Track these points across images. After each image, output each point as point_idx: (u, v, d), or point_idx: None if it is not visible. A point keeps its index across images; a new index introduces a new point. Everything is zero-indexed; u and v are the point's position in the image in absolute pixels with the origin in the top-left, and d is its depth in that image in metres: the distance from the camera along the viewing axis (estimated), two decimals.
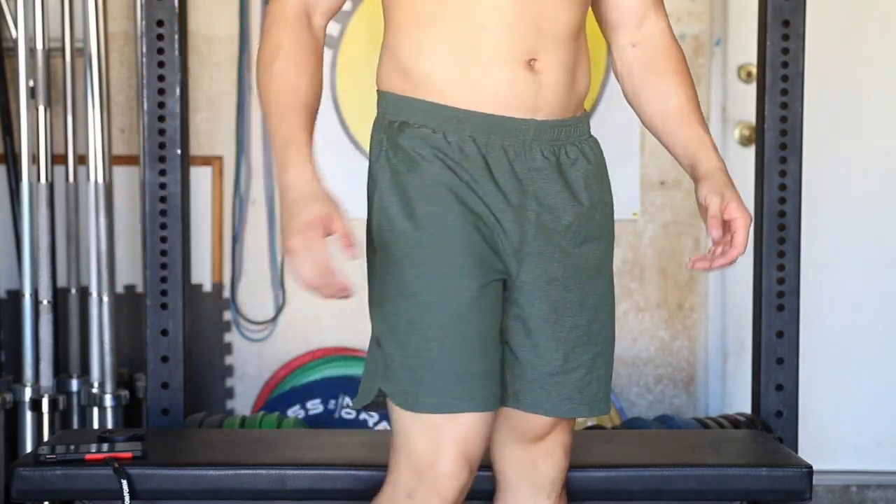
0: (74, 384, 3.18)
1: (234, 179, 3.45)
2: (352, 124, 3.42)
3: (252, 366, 3.49)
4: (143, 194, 2.86)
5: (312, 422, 3.27)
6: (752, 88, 3.29)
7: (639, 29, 1.98)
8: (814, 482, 2.31)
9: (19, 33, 3.06)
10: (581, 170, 1.90)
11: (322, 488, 2.26)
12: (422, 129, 1.82)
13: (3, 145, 3.29)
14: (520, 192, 1.84)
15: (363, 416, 3.28)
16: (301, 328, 3.48)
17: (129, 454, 2.28)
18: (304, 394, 3.34)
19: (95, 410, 3.11)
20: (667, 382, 3.54)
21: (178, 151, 2.80)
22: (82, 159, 3.17)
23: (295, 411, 3.32)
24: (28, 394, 3.08)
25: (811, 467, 2.28)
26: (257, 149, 3.45)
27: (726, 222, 1.82)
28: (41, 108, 3.08)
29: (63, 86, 3.15)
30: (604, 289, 1.94)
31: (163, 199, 2.80)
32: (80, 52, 3.13)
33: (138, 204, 3.35)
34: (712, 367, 3.54)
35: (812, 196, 3.12)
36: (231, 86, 3.44)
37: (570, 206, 1.88)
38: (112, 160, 3.14)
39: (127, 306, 3.37)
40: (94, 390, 3.12)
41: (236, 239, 3.46)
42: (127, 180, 3.37)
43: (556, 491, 1.98)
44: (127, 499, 2.20)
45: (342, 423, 3.28)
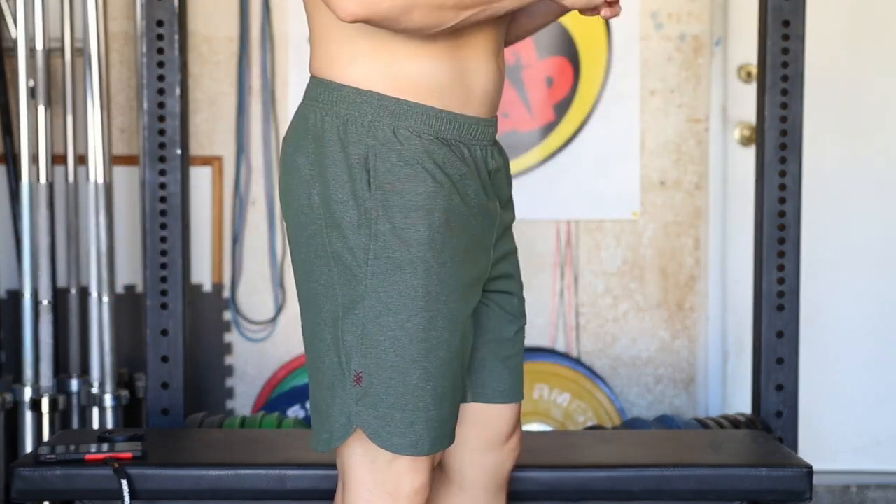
0: (74, 384, 3.18)
1: (234, 179, 3.45)
2: None
3: (252, 366, 3.49)
4: (143, 194, 2.86)
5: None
6: (752, 88, 3.30)
7: None
8: (814, 482, 2.31)
9: (19, 33, 3.06)
10: (501, 166, 1.86)
11: (322, 488, 2.25)
12: (419, 135, 1.70)
13: (3, 145, 3.29)
14: (492, 196, 1.80)
15: None
16: (301, 328, 3.47)
17: (129, 454, 2.28)
18: (304, 394, 3.34)
19: (95, 410, 3.11)
20: (667, 382, 3.54)
21: (178, 151, 2.80)
22: (82, 159, 3.17)
23: (295, 411, 3.32)
24: (28, 394, 3.08)
25: (811, 467, 2.28)
26: (257, 149, 3.45)
27: None
28: (41, 108, 3.08)
29: (63, 86, 3.15)
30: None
31: (163, 199, 2.80)
32: (80, 52, 3.13)
33: (138, 204, 3.35)
34: (712, 367, 3.54)
35: (812, 196, 3.12)
36: (231, 86, 3.44)
37: (507, 203, 1.87)
38: (112, 160, 3.14)
39: (127, 306, 3.37)
40: (94, 390, 3.12)
41: (236, 239, 3.46)
42: (127, 180, 3.37)
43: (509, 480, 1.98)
44: (127, 499, 2.20)
45: None
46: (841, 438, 3.55)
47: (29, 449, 3.07)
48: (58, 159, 3.17)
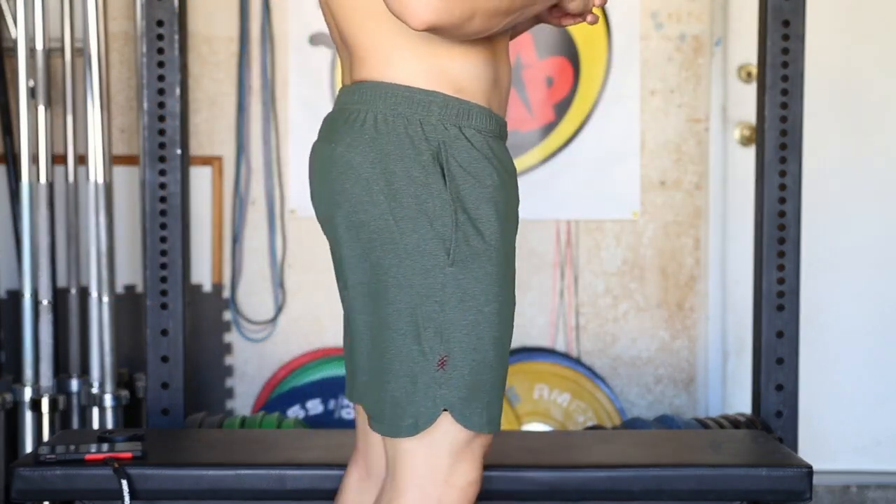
0: (74, 384, 3.18)
1: (234, 179, 3.45)
2: None
3: (252, 366, 3.49)
4: (143, 194, 2.86)
5: (312, 422, 3.27)
6: (752, 88, 3.30)
7: None
8: (814, 482, 2.31)
9: (19, 33, 3.06)
10: None
11: (322, 488, 2.25)
12: (481, 132, 1.79)
13: (3, 145, 3.29)
14: None
15: None
16: (301, 328, 3.48)
17: (129, 454, 2.28)
18: (304, 394, 3.34)
19: (95, 410, 3.11)
20: (667, 382, 3.54)
21: (178, 151, 2.80)
22: (82, 159, 3.17)
23: (295, 411, 3.32)
24: (28, 394, 3.08)
25: (811, 467, 2.28)
26: (257, 149, 3.45)
27: None
28: (41, 108, 3.08)
29: (63, 86, 3.15)
30: None
31: (163, 199, 2.80)
32: (80, 52, 3.13)
33: (138, 204, 3.35)
34: (712, 367, 3.54)
35: (812, 196, 3.13)
36: (231, 86, 3.44)
37: None
38: (112, 160, 3.14)
39: (127, 306, 3.37)
40: (94, 390, 3.12)
41: (236, 239, 3.46)
42: (127, 180, 3.37)
43: None
44: (127, 499, 2.20)
45: (342, 423, 3.28)
46: (841, 438, 3.55)
47: (29, 449, 3.07)
48: (58, 159, 3.17)
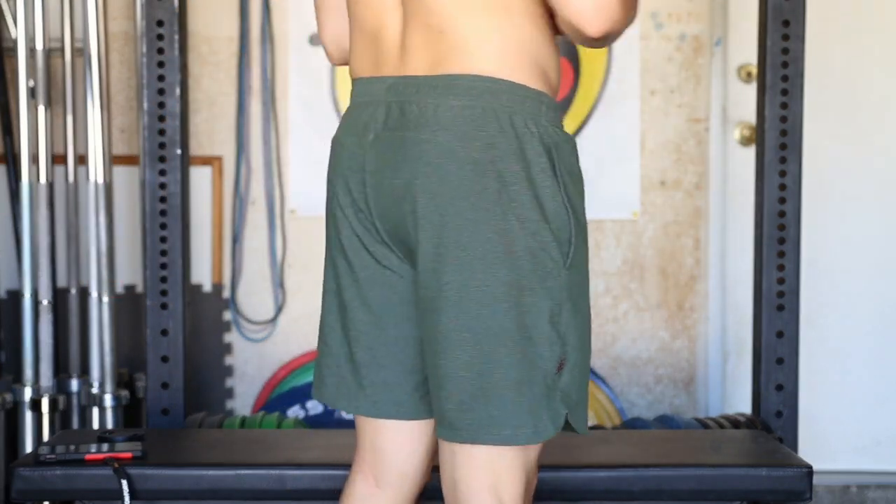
0: (74, 384, 3.18)
1: (234, 179, 3.45)
2: None
3: (252, 366, 3.49)
4: (143, 194, 2.86)
5: (312, 422, 3.27)
6: (752, 88, 3.30)
7: None
8: (814, 482, 2.31)
9: (19, 33, 3.06)
10: None
11: (322, 488, 2.25)
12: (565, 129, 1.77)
13: (3, 145, 3.29)
14: None
15: None
16: (301, 328, 3.48)
17: (129, 454, 2.28)
18: (304, 394, 3.34)
19: (95, 410, 3.11)
20: (667, 382, 3.54)
21: (178, 151, 2.80)
22: (82, 159, 3.17)
23: (295, 411, 3.32)
24: (28, 394, 3.08)
25: (811, 467, 2.28)
26: (257, 149, 3.45)
27: None
28: (41, 108, 3.08)
29: (63, 86, 3.15)
30: None
31: (163, 199, 2.81)
32: (80, 52, 3.13)
33: (138, 204, 3.35)
34: (712, 367, 3.54)
35: (812, 196, 3.12)
36: (231, 86, 3.44)
37: None
38: (112, 160, 3.14)
39: (127, 306, 3.37)
40: (94, 390, 3.12)
41: (236, 239, 3.46)
42: (127, 180, 3.37)
43: None
44: (127, 499, 2.20)
45: (342, 423, 3.28)
46: (841, 438, 3.55)
47: (29, 449, 3.07)
48: (58, 159, 3.17)
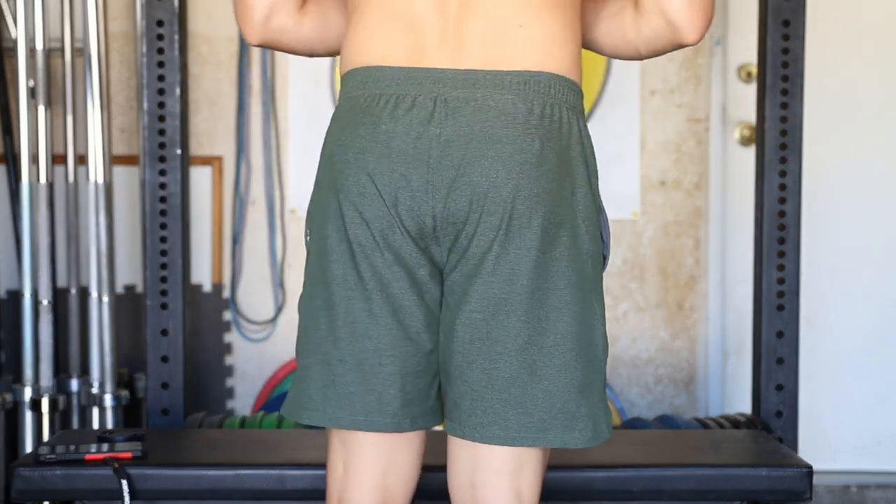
0: (74, 384, 3.18)
1: (234, 179, 3.45)
2: None
3: (252, 366, 3.49)
4: (143, 194, 2.86)
5: None
6: (752, 88, 3.30)
7: None
8: (814, 482, 2.31)
9: (19, 33, 3.06)
10: None
11: (322, 488, 2.24)
12: None
13: (3, 145, 3.29)
14: None
15: None
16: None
17: (129, 454, 2.28)
18: None
19: (95, 410, 3.11)
20: (667, 382, 3.54)
21: (178, 151, 2.80)
22: (82, 159, 3.17)
23: None
24: (28, 394, 3.08)
25: (811, 467, 2.28)
26: (257, 149, 3.45)
27: None
28: (41, 108, 3.08)
29: (63, 86, 3.15)
30: None
31: (163, 199, 2.80)
32: (80, 52, 3.13)
33: (138, 204, 3.35)
34: (712, 367, 3.54)
35: (812, 196, 3.12)
36: (231, 86, 3.44)
37: None
38: (112, 160, 3.14)
39: (127, 306, 3.37)
40: (94, 390, 3.12)
41: (236, 239, 3.46)
42: (127, 180, 3.37)
43: None
44: (127, 499, 2.20)
45: None
46: (841, 438, 3.55)
47: (29, 449, 3.07)
48: (58, 159, 3.17)
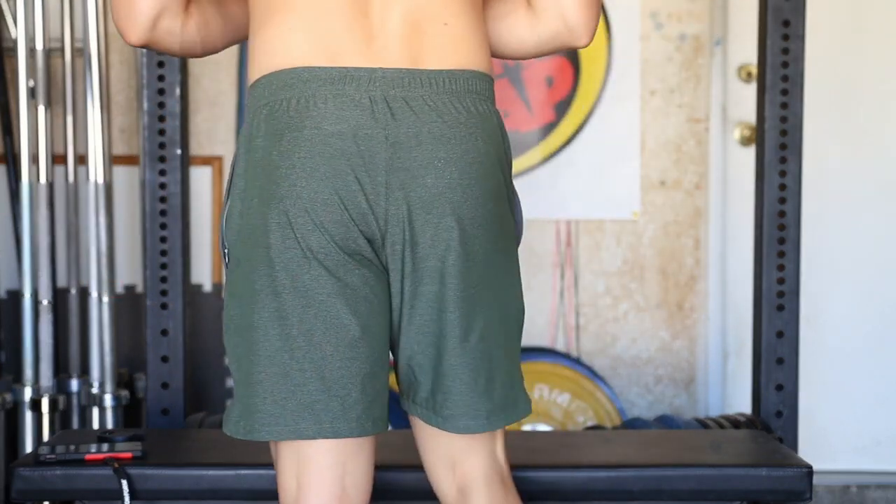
0: (74, 384, 3.18)
1: None
2: None
3: None
4: (143, 194, 2.86)
5: None
6: (752, 88, 3.30)
7: None
8: (814, 482, 2.31)
9: (19, 33, 3.06)
10: None
11: None
12: None
13: (3, 145, 3.29)
14: None
15: None
16: None
17: (129, 454, 2.28)
18: None
19: (95, 410, 3.11)
20: (667, 382, 3.54)
21: (178, 151, 2.80)
22: (82, 159, 3.17)
23: None
24: (28, 394, 3.08)
25: (811, 467, 2.28)
26: None
27: None
28: (41, 108, 3.08)
29: (63, 86, 3.15)
30: None
31: (163, 199, 2.80)
32: (80, 52, 3.13)
33: (138, 204, 3.35)
34: (712, 367, 3.54)
35: (812, 196, 3.12)
36: (231, 86, 3.44)
37: None
38: (112, 160, 3.14)
39: (127, 306, 3.37)
40: (94, 390, 3.12)
41: None
42: (127, 180, 3.37)
43: None
44: (127, 499, 2.20)
45: None
46: (841, 438, 3.55)
47: (29, 449, 3.07)
48: (58, 159, 3.17)
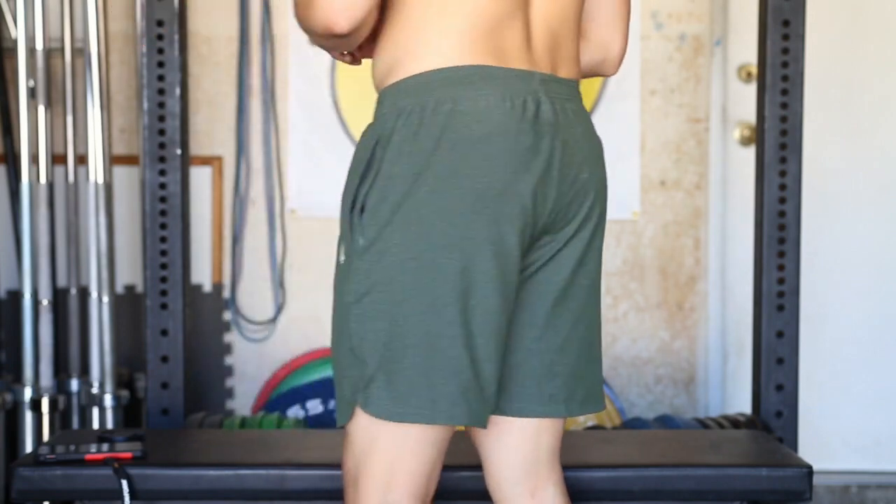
0: (74, 384, 3.18)
1: (234, 179, 3.45)
2: (351, 124, 3.42)
3: (252, 366, 3.49)
4: (143, 194, 2.86)
5: (312, 422, 3.27)
6: (752, 88, 3.29)
7: None
8: (814, 482, 2.31)
9: (19, 33, 3.06)
10: None
11: (322, 488, 2.25)
12: None
13: (3, 145, 3.29)
14: None
15: None
16: (301, 328, 3.48)
17: (129, 454, 2.28)
18: (304, 394, 3.34)
19: (95, 410, 3.11)
20: (667, 382, 3.54)
21: (178, 151, 2.80)
22: (82, 159, 3.17)
23: (295, 411, 3.31)
24: (28, 394, 3.08)
25: (811, 467, 2.28)
26: (257, 149, 3.45)
27: None
28: (41, 108, 3.08)
29: (63, 86, 3.15)
30: None
31: (163, 199, 2.81)
32: (80, 52, 3.13)
33: (138, 204, 3.35)
34: (712, 367, 3.54)
35: (812, 196, 3.12)
36: (231, 86, 3.44)
37: None
38: (112, 160, 3.14)
39: (127, 306, 3.37)
40: (94, 390, 3.12)
41: (236, 239, 3.46)
42: (127, 180, 3.37)
43: None
44: (127, 499, 2.20)
45: None
46: (841, 438, 3.55)
47: (29, 449, 3.07)
48: (58, 159, 3.17)
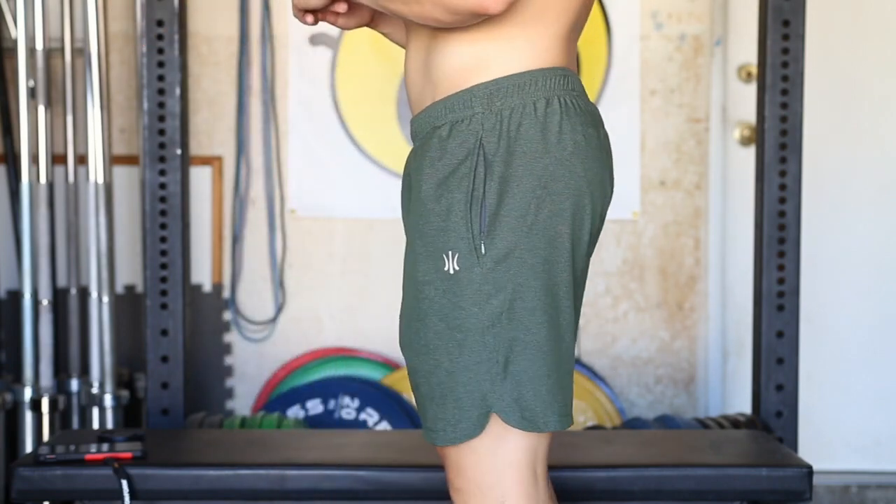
0: (74, 384, 3.18)
1: (234, 179, 3.45)
2: (352, 124, 3.42)
3: (252, 366, 3.49)
4: (143, 194, 2.86)
5: (312, 422, 3.27)
6: (752, 88, 3.30)
7: None
8: (814, 482, 2.31)
9: (19, 33, 3.06)
10: (411, 171, 1.69)
11: (322, 488, 2.26)
12: None
13: (3, 145, 3.29)
14: (405, 200, 1.72)
15: (363, 416, 3.28)
16: (301, 328, 3.48)
17: (129, 454, 2.28)
18: (304, 394, 3.34)
19: (95, 410, 3.11)
20: (667, 382, 3.54)
21: (178, 151, 2.80)
22: (82, 159, 3.17)
23: (295, 411, 3.32)
24: (28, 394, 3.08)
25: (811, 467, 2.28)
26: (257, 149, 3.45)
27: None
28: (41, 108, 3.08)
29: (63, 86, 3.15)
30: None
31: (163, 199, 2.81)
32: (80, 52, 3.13)
33: (138, 204, 3.35)
34: (712, 367, 3.54)
35: (812, 196, 3.12)
36: (231, 86, 3.44)
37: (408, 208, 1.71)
38: (112, 160, 3.14)
39: (127, 306, 3.37)
40: (94, 390, 3.12)
41: (236, 239, 3.46)
42: (127, 180, 3.37)
43: None
44: (127, 499, 2.20)
45: (342, 423, 3.28)
46: (841, 438, 3.55)
47: (29, 449, 3.07)
48: (58, 159, 3.17)
